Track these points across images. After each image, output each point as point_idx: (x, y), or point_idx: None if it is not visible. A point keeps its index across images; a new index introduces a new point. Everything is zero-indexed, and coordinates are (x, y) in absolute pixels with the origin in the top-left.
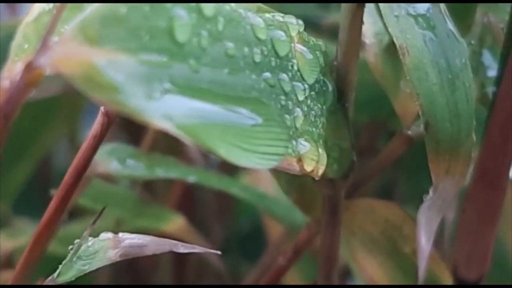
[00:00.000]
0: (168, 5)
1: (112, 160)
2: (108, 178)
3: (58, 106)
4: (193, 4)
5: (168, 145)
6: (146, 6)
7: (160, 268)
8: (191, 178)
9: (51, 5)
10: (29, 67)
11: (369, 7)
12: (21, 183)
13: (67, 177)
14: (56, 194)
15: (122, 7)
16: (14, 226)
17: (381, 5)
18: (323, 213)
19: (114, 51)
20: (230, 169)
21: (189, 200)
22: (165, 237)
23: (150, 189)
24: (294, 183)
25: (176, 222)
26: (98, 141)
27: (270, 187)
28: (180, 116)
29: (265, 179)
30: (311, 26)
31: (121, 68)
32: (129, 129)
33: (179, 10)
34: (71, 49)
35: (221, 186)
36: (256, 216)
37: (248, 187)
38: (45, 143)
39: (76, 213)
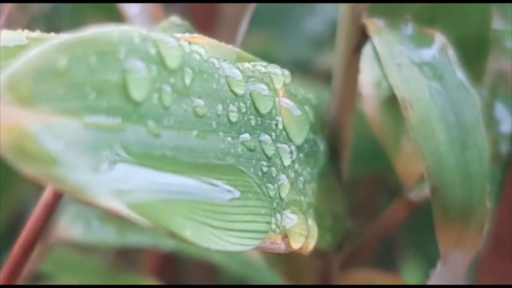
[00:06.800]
0: (121, 55)
1: (77, 225)
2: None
3: None
4: (153, 54)
5: None
6: (92, 57)
7: None
8: (167, 244)
9: None
10: None
11: (367, 53)
12: None
13: (15, 250)
14: (3, 270)
15: (62, 59)
16: None
17: (380, 52)
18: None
19: (51, 113)
20: None
21: (170, 264)
22: None
23: (125, 253)
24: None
25: None
26: (51, 209)
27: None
28: (134, 192)
29: None
30: (303, 68)
31: (59, 133)
32: None
33: (135, 61)
34: None
35: (201, 252)
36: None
37: (231, 253)
38: (14, 199)
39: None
